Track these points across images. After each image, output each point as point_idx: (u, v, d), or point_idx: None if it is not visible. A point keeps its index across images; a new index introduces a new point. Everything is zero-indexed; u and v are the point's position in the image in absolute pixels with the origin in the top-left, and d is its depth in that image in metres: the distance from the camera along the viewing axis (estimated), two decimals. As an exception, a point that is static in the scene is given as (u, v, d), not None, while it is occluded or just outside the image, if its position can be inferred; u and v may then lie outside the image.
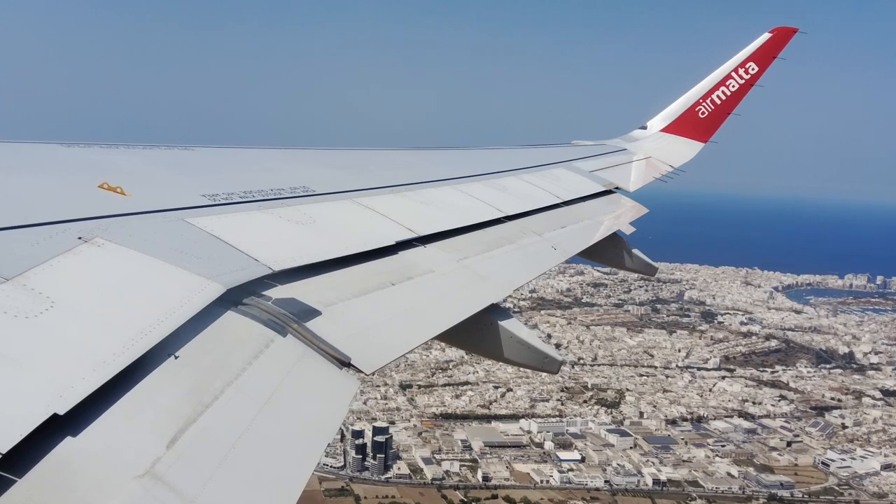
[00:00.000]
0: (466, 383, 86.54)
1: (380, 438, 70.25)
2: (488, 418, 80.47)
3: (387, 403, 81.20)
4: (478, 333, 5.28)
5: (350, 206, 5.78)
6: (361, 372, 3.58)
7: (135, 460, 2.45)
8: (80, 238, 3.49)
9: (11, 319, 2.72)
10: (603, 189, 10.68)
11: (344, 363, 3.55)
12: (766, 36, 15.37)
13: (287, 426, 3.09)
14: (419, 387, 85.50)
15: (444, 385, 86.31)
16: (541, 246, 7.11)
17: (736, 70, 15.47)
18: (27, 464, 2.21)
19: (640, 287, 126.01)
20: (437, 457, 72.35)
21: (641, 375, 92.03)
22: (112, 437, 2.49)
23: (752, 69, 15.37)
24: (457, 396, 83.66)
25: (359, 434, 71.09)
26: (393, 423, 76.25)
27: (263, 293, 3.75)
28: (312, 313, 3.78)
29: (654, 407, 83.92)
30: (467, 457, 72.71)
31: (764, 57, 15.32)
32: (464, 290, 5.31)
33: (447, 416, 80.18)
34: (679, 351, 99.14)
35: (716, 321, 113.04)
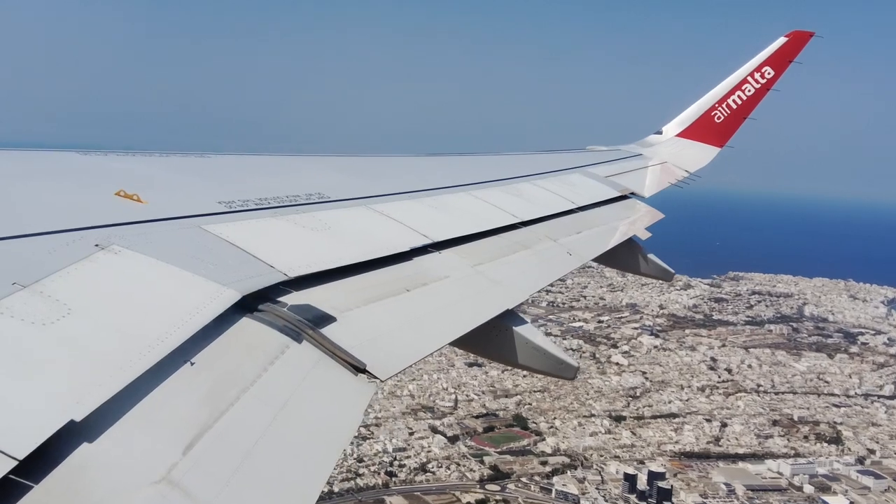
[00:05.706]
0: (673, 415, 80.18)
1: (664, 485, 67.49)
2: (730, 457, 75.28)
3: (616, 440, 75.37)
4: (493, 339, 5.25)
5: (365, 213, 5.78)
6: (376, 378, 3.57)
7: (151, 466, 2.44)
8: (96, 245, 3.51)
9: (29, 326, 2.74)
10: (618, 194, 10.63)
11: (359, 369, 3.53)
12: (781, 40, 15.27)
13: (302, 432, 3.07)
14: (632, 419, 79.39)
15: (653, 417, 79.82)
16: (556, 251, 7.08)
17: (752, 74, 15.38)
18: (44, 470, 2.22)
19: (759, 302, 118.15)
20: (708, 502, 68.05)
21: (836, 406, 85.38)
22: (128, 443, 2.49)
23: (768, 73, 15.27)
24: (675, 430, 77.75)
25: (632, 478, 68.04)
26: (643, 462, 71.85)
27: (279, 299, 3.75)
28: (328, 319, 3.77)
29: (877, 442, 78.13)
30: (735, 502, 68.43)
31: (780, 61, 15.22)
32: (479, 296, 5.29)
33: (687, 455, 74.87)
34: (850, 377, 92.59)
35: (859, 342, 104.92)
